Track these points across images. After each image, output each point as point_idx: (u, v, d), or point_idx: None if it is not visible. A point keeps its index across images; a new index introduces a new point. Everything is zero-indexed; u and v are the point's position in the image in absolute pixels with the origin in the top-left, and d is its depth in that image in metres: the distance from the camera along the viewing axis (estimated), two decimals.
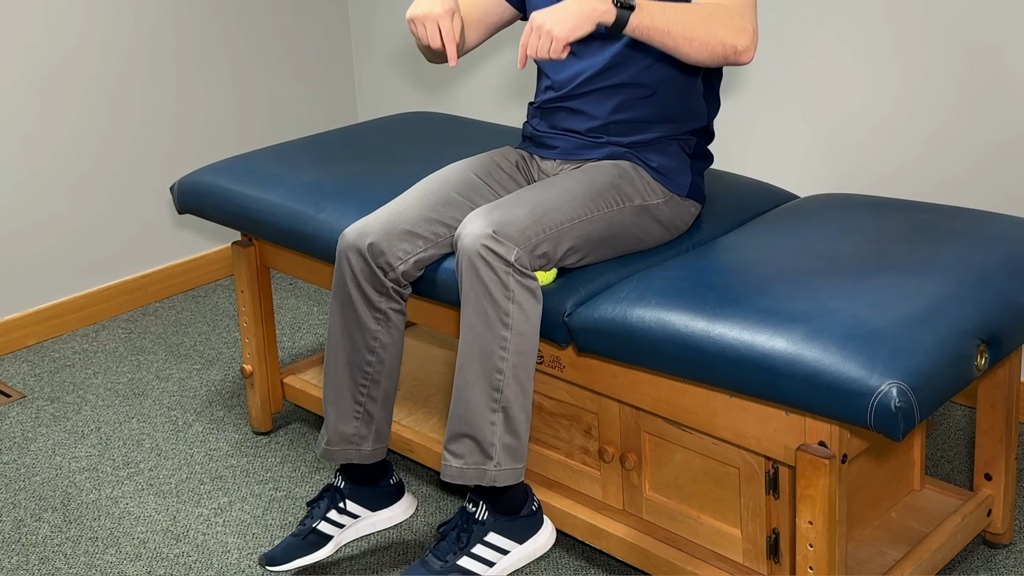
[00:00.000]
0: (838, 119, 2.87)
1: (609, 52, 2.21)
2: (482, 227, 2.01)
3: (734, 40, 2.01)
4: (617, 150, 2.25)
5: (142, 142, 3.55)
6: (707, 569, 2.08)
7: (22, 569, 2.38)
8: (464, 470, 2.08)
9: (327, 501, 2.34)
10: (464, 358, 2.05)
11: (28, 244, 3.36)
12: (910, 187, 2.78)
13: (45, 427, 2.93)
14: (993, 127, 2.63)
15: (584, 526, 2.24)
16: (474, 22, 2.37)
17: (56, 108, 3.35)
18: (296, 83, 3.90)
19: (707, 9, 2.02)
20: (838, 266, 2.01)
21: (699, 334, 1.87)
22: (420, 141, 2.84)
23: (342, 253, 2.21)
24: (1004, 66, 2.58)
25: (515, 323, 2.02)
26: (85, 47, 3.38)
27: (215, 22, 3.65)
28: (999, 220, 2.20)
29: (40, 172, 3.35)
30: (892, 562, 2.10)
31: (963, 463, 2.61)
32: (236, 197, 2.63)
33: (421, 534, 2.43)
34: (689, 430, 2.09)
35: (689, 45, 2.01)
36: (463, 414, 2.06)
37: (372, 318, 2.22)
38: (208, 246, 3.78)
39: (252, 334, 2.78)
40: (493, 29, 2.41)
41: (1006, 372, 2.18)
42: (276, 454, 2.76)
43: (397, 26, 3.85)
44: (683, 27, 2.00)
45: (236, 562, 2.37)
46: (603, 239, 2.15)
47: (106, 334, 3.43)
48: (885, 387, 1.69)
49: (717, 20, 2.00)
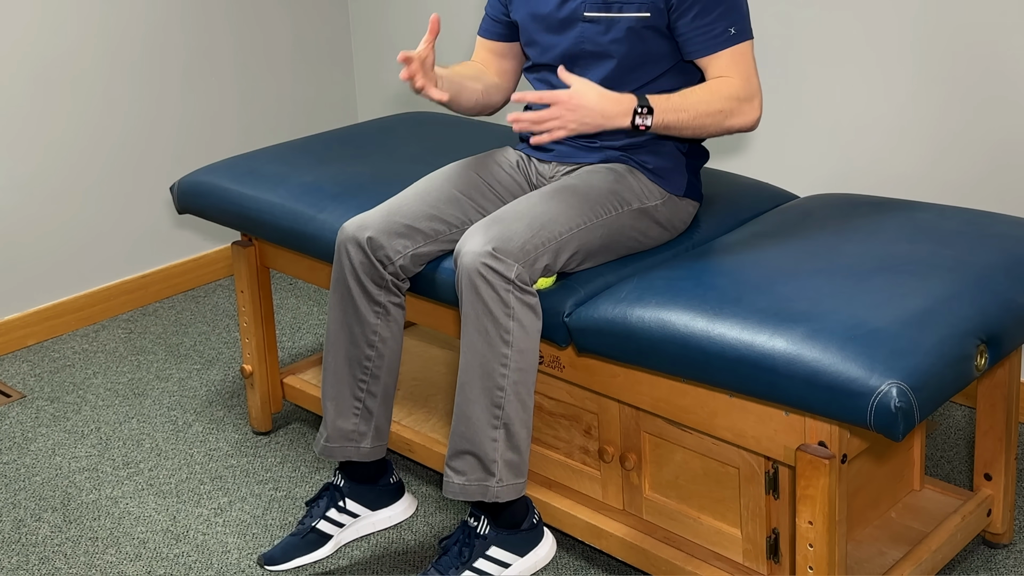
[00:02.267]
0: (838, 119, 2.87)
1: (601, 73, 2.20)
2: (481, 244, 2.00)
3: (741, 124, 2.14)
4: (612, 154, 2.25)
5: (142, 142, 3.55)
6: (707, 569, 2.08)
7: (22, 569, 2.38)
8: (467, 487, 2.08)
9: (326, 500, 2.34)
10: (465, 376, 2.05)
11: (28, 244, 3.36)
12: (910, 187, 2.78)
13: (45, 427, 2.93)
14: (993, 127, 2.62)
15: (584, 526, 2.24)
16: (508, 72, 2.41)
17: (56, 108, 3.35)
18: (296, 83, 3.90)
19: (717, 102, 2.09)
20: (838, 266, 2.01)
21: (699, 334, 1.87)
22: (420, 141, 2.84)
23: (341, 246, 2.21)
24: (1004, 66, 2.58)
25: (515, 340, 2.02)
26: (84, 46, 3.38)
27: (215, 22, 3.65)
28: (998, 220, 2.20)
29: (40, 172, 3.35)
30: (892, 562, 2.10)
31: (963, 463, 2.61)
32: (236, 197, 2.63)
33: (421, 534, 2.43)
34: (689, 430, 2.08)
35: (699, 136, 2.16)
36: (464, 431, 2.06)
37: (371, 311, 2.22)
38: (208, 246, 3.78)
39: (252, 334, 2.78)
40: (517, 66, 2.43)
41: (1006, 372, 2.18)
42: (276, 454, 2.76)
43: (397, 26, 3.85)
44: (694, 125, 2.10)
45: (236, 562, 2.37)
46: (603, 245, 2.15)
47: (106, 334, 3.43)
48: (885, 387, 1.69)
49: (726, 112, 2.10)
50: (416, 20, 3.78)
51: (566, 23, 2.21)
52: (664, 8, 2.13)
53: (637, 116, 2.02)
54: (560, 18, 2.22)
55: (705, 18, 2.11)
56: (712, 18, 2.11)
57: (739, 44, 2.12)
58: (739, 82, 2.11)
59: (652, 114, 2.03)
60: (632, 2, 2.14)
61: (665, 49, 2.18)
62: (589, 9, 2.18)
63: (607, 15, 2.17)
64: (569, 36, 2.21)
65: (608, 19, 2.17)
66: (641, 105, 2.02)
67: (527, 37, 2.29)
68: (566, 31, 2.22)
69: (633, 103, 2.02)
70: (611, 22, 2.17)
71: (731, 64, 2.12)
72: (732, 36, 2.12)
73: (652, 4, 2.13)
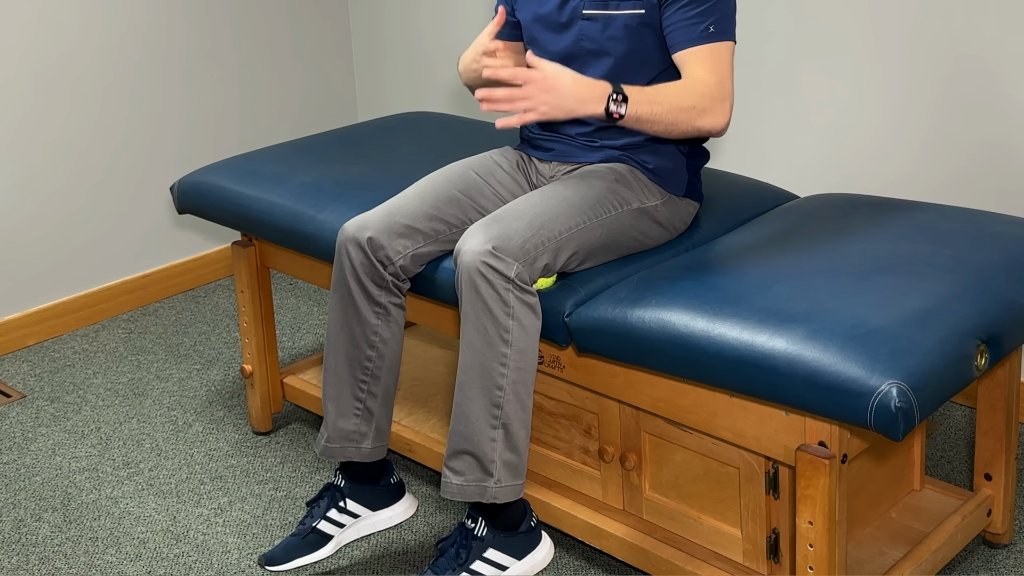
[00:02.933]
0: (838, 119, 2.87)
1: (600, 72, 2.20)
2: (481, 243, 2.00)
3: (711, 125, 2.09)
4: (613, 153, 2.25)
5: (142, 142, 3.55)
6: (707, 569, 2.08)
7: (22, 569, 2.38)
8: (464, 487, 2.08)
9: (327, 500, 2.34)
10: (464, 375, 2.05)
11: (28, 244, 3.36)
12: (910, 187, 2.78)
13: (45, 427, 2.93)
14: (992, 127, 2.62)
15: (584, 526, 2.24)
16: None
17: (56, 108, 3.35)
18: (296, 83, 3.90)
19: (690, 98, 2.06)
20: (838, 266, 2.01)
21: (699, 334, 1.87)
22: (420, 141, 2.84)
23: (341, 246, 2.21)
24: (1003, 66, 2.58)
25: (515, 339, 2.02)
26: (84, 46, 3.38)
27: (215, 22, 3.65)
28: (998, 220, 2.20)
29: (40, 172, 3.35)
30: (892, 562, 2.10)
31: (963, 463, 2.61)
32: (236, 197, 2.63)
33: (421, 535, 2.43)
34: (689, 430, 2.08)
35: (669, 133, 2.09)
36: (463, 431, 2.06)
37: (372, 312, 2.22)
38: (208, 246, 3.78)
39: (252, 334, 2.78)
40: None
41: (1006, 372, 2.18)
42: (276, 454, 2.76)
43: (397, 26, 3.85)
44: (666, 120, 2.05)
45: (236, 562, 2.37)
46: (603, 245, 2.15)
47: (106, 334, 3.43)
48: (885, 387, 1.69)
49: (699, 109, 2.06)
50: (416, 20, 3.78)
51: (566, 21, 2.22)
52: (657, 3, 2.14)
53: (611, 103, 1.99)
54: (561, 16, 2.23)
55: (689, 11, 2.11)
56: (695, 12, 2.10)
57: (718, 43, 2.10)
58: (713, 81, 2.09)
59: (627, 102, 2.00)
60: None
61: (660, 50, 2.18)
62: (587, 6, 2.19)
63: (604, 12, 2.17)
64: (569, 35, 2.22)
65: (605, 16, 2.17)
66: (616, 92, 1.99)
67: (529, 36, 2.30)
68: (567, 30, 2.22)
69: (608, 90, 1.99)
70: (608, 19, 2.17)
71: (707, 61, 2.10)
72: (712, 33, 2.10)
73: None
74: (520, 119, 1.96)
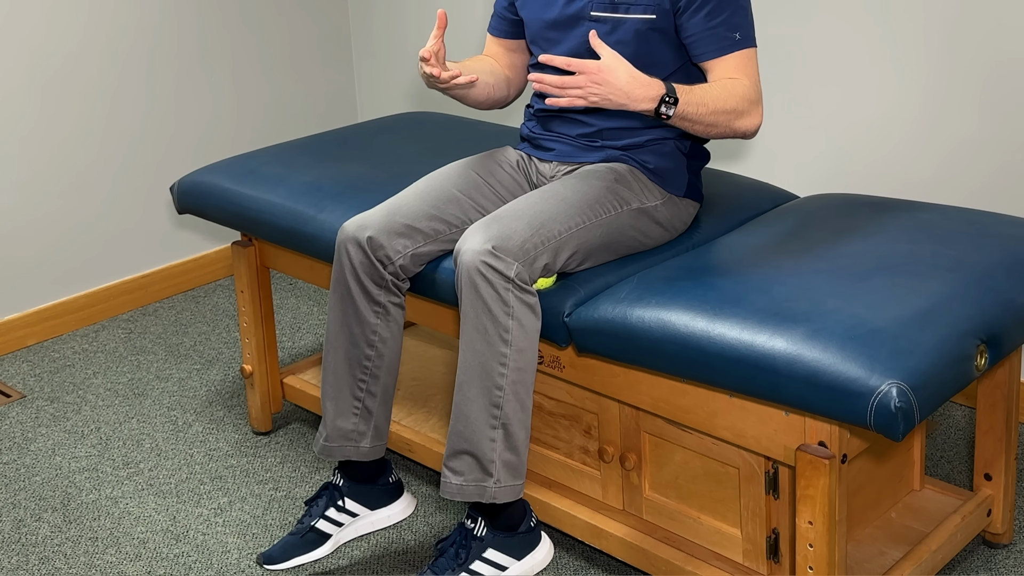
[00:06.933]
0: (838, 119, 2.87)
1: None
2: (481, 243, 2.00)
3: (747, 127, 2.14)
4: (613, 153, 2.25)
5: (142, 142, 3.55)
6: (707, 569, 2.08)
7: (22, 569, 2.38)
8: (464, 487, 2.08)
9: (326, 499, 2.34)
10: (464, 375, 2.05)
11: (28, 244, 3.36)
12: (910, 187, 2.78)
13: (45, 427, 2.93)
14: (992, 127, 2.62)
15: (584, 526, 2.24)
16: (518, 67, 2.42)
17: (56, 108, 3.35)
18: (296, 83, 3.90)
19: (732, 100, 2.09)
20: (838, 266, 2.01)
21: (699, 334, 1.87)
22: (420, 141, 2.84)
23: (341, 245, 2.21)
24: (1002, 66, 2.58)
25: (514, 339, 2.02)
26: (85, 47, 3.38)
27: (215, 22, 3.65)
28: (999, 220, 2.20)
29: (40, 172, 3.35)
30: (892, 562, 2.10)
31: (963, 463, 2.61)
32: (236, 197, 2.63)
33: (420, 534, 2.43)
34: (689, 430, 2.08)
35: (706, 133, 2.15)
36: (463, 431, 2.06)
37: (371, 311, 2.22)
38: (208, 246, 3.78)
39: (252, 334, 2.78)
40: (528, 60, 2.43)
41: (1006, 372, 2.18)
42: (276, 454, 2.76)
43: (397, 26, 3.85)
44: (708, 121, 2.09)
45: (236, 562, 2.37)
46: (603, 244, 2.15)
47: (106, 334, 3.43)
48: (885, 387, 1.69)
49: (738, 112, 2.10)
50: (416, 20, 3.78)
51: (572, 22, 2.22)
52: (670, 10, 2.14)
53: (663, 104, 2.02)
54: (567, 17, 2.22)
55: (714, 20, 2.12)
56: (720, 20, 2.12)
57: (746, 50, 2.14)
58: (749, 84, 2.12)
59: (676, 104, 2.03)
60: (639, 3, 2.15)
61: (670, 54, 2.18)
62: (596, 8, 2.18)
63: (613, 15, 2.17)
64: (574, 35, 2.22)
65: (614, 19, 2.17)
66: (668, 94, 2.02)
67: (532, 34, 2.30)
68: (572, 30, 2.22)
69: (661, 91, 2.02)
70: (617, 22, 2.17)
71: (739, 68, 2.13)
72: (739, 41, 2.13)
73: (658, 6, 2.14)
74: (569, 103, 2.00)
